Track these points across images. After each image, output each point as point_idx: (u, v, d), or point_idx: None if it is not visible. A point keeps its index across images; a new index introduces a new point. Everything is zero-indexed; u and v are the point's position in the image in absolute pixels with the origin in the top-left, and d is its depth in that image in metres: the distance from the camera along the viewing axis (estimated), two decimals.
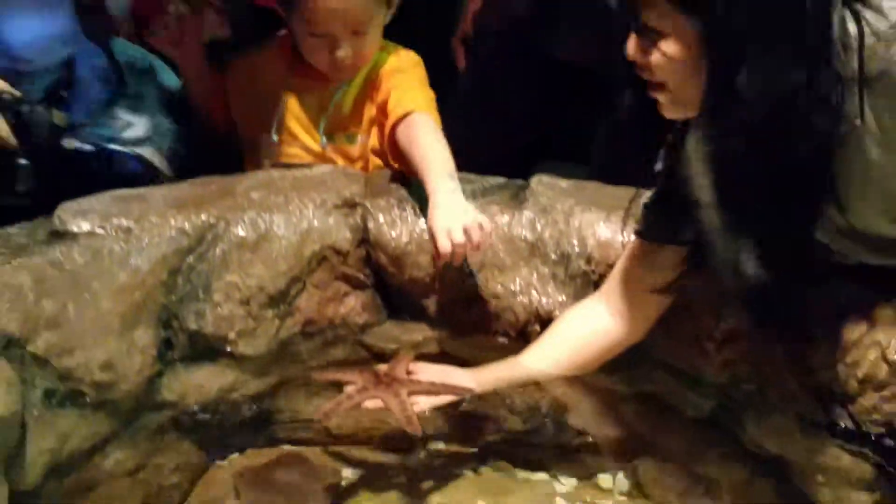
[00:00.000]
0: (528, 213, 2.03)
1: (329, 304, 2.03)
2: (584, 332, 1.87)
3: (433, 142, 2.12)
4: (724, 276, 1.65)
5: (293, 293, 1.98)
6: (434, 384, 1.79)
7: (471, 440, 1.94)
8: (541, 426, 1.95)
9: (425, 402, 1.77)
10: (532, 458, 1.91)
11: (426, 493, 1.81)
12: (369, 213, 2.04)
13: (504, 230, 2.02)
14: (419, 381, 1.79)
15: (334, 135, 2.42)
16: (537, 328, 1.97)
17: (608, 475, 1.88)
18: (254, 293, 1.93)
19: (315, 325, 2.02)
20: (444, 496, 1.81)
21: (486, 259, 2.00)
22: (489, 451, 1.92)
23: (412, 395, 1.76)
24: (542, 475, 1.88)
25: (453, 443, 1.93)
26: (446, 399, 1.80)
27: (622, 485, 1.87)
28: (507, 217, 2.02)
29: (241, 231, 1.95)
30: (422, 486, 1.82)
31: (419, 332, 2.06)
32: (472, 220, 1.85)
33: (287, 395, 1.98)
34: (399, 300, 2.07)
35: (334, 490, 1.78)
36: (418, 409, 1.74)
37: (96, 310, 1.74)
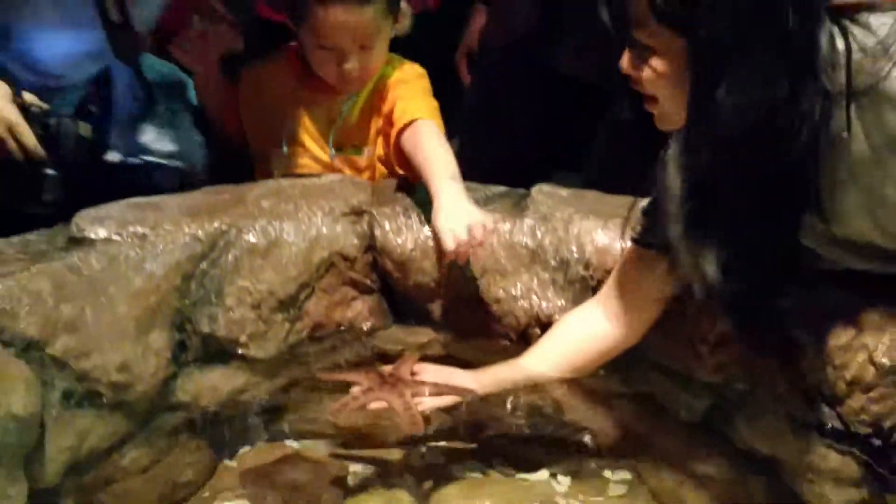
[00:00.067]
0: (528, 220, 2.03)
1: (337, 309, 2.03)
2: (582, 335, 1.87)
3: (437, 146, 2.13)
4: (691, 282, 1.67)
5: (302, 298, 1.98)
6: (437, 385, 1.79)
7: (473, 439, 1.96)
8: (541, 425, 1.96)
9: (429, 403, 1.77)
10: (533, 457, 1.93)
11: (429, 492, 1.82)
12: (376, 221, 2.04)
13: (506, 237, 2.01)
14: (423, 382, 1.79)
15: (343, 145, 2.43)
16: (537, 331, 1.96)
17: (607, 473, 1.90)
18: (264, 298, 1.93)
19: (323, 329, 2.01)
20: (447, 494, 1.83)
21: (489, 265, 2.00)
22: (492, 450, 1.93)
23: (416, 395, 1.76)
24: (542, 473, 1.90)
25: (456, 441, 1.94)
26: (449, 400, 1.80)
27: (621, 483, 1.89)
28: (509, 225, 2.01)
29: (252, 238, 1.94)
30: (425, 484, 1.83)
31: (424, 336, 2.05)
32: (475, 219, 1.87)
33: (296, 396, 1.98)
34: (404, 304, 2.07)
35: (340, 487, 1.79)
36: (422, 409, 1.74)
37: (113, 314, 1.74)
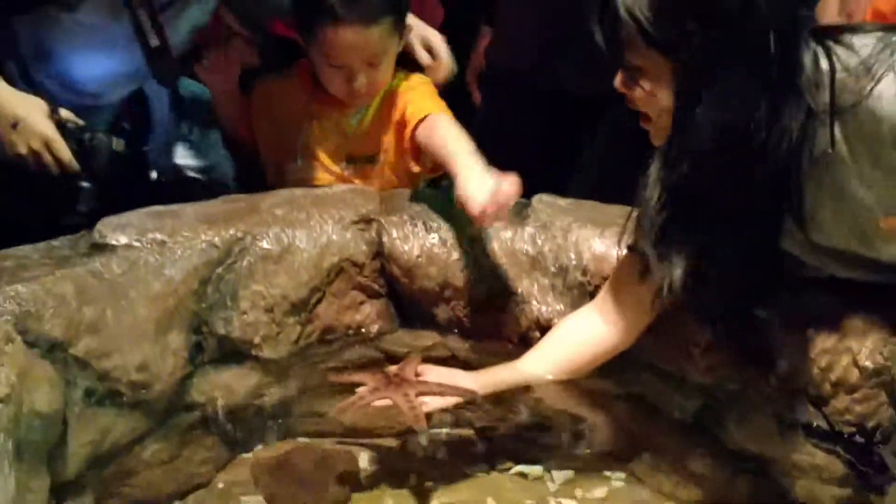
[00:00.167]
0: (529, 228, 2.04)
1: (346, 312, 2.04)
2: (578, 338, 1.87)
3: (453, 132, 2.14)
4: (664, 290, 1.70)
5: (313, 302, 1.99)
6: (440, 385, 1.79)
7: (475, 437, 1.94)
8: (538, 425, 1.96)
9: (432, 402, 1.77)
10: (531, 455, 1.91)
11: (431, 488, 1.82)
12: (384, 229, 2.05)
13: (507, 244, 2.02)
14: (426, 383, 1.79)
15: (355, 156, 2.43)
16: (537, 334, 1.97)
17: (602, 471, 1.88)
18: (277, 301, 1.94)
19: (333, 332, 2.03)
20: (449, 490, 1.82)
21: (491, 270, 2.01)
22: (492, 448, 1.92)
23: (420, 395, 1.76)
24: (539, 471, 1.88)
25: (459, 439, 1.93)
26: (452, 400, 1.80)
27: (615, 481, 1.89)
28: (510, 232, 2.02)
29: (266, 244, 1.96)
30: (427, 480, 1.83)
31: (429, 339, 2.06)
32: (499, 181, 1.82)
33: (306, 395, 1.98)
34: (411, 309, 2.08)
35: (347, 481, 1.79)
36: (425, 409, 1.74)
37: (133, 316, 1.76)
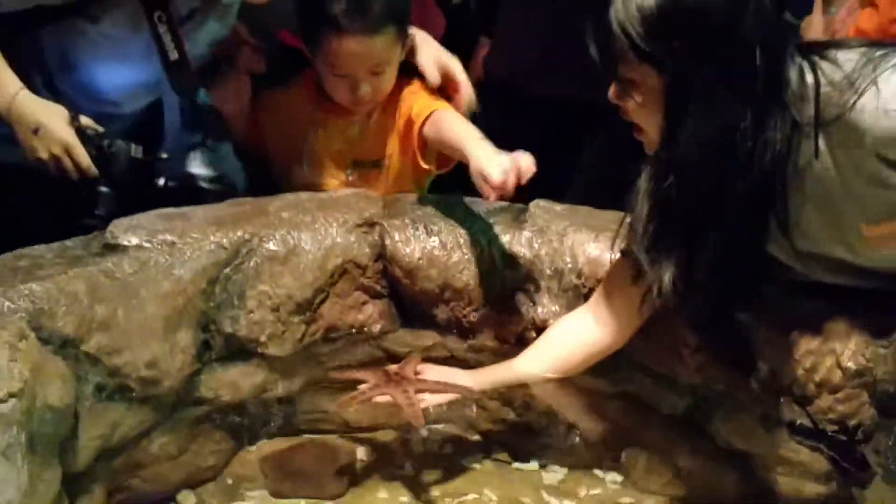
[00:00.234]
0: (526, 233, 2.04)
1: (349, 312, 2.04)
2: (573, 339, 1.88)
3: (461, 122, 2.15)
4: (654, 293, 1.72)
5: (318, 302, 2.00)
6: (438, 383, 1.82)
7: (472, 432, 1.98)
8: (534, 421, 1.98)
9: (430, 399, 1.80)
10: (527, 449, 1.94)
11: (429, 479, 1.84)
12: (386, 232, 2.05)
13: (505, 248, 2.02)
14: (425, 381, 1.82)
15: (360, 162, 2.44)
16: (534, 335, 1.97)
17: (595, 466, 1.91)
18: (283, 301, 1.94)
19: (337, 331, 2.03)
20: (446, 481, 1.85)
21: (489, 273, 2.02)
22: (489, 443, 1.95)
23: (419, 392, 1.78)
24: (534, 464, 1.91)
25: (456, 434, 1.96)
26: (449, 396, 1.83)
27: (607, 475, 1.91)
28: (508, 236, 2.03)
29: (272, 246, 1.96)
30: (425, 472, 1.86)
31: (429, 339, 2.06)
32: (513, 158, 1.82)
33: (310, 391, 2.00)
34: (412, 309, 2.07)
35: (348, 473, 1.82)
36: (424, 405, 1.76)
37: (143, 314, 1.77)
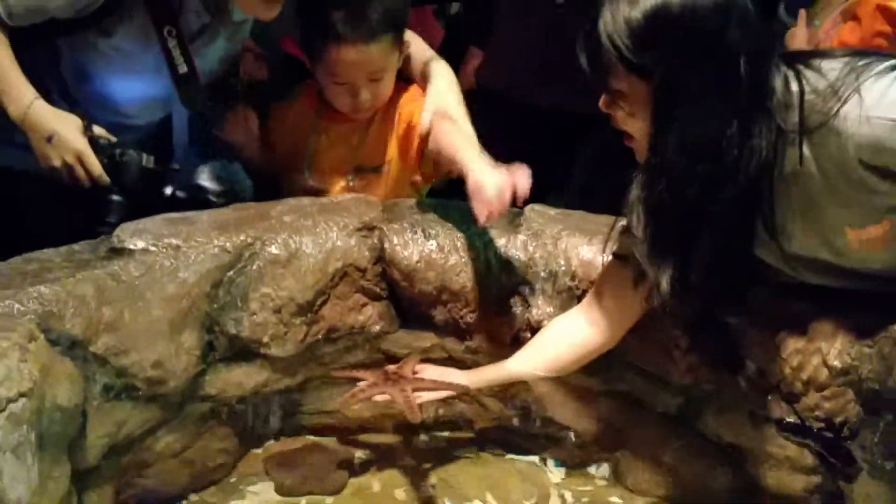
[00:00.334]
0: (521, 236, 2.04)
1: (350, 313, 2.03)
2: (565, 339, 1.88)
3: (460, 133, 2.12)
4: (654, 295, 1.72)
5: (319, 303, 1.99)
6: (435, 381, 1.83)
7: (468, 429, 1.99)
8: (529, 417, 1.99)
9: (427, 396, 1.81)
10: (522, 444, 1.97)
11: (427, 471, 1.87)
12: (385, 236, 2.04)
13: (501, 251, 2.02)
14: (422, 379, 1.83)
15: (361, 168, 2.44)
16: (528, 335, 1.97)
17: (589, 461, 1.95)
18: (285, 303, 1.94)
19: (337, 332, 2.02)
20: (444, 472, 1.88)
21: (485, 275, 2.01)
22: (485, 439, 1.97)
23: (416, 390, 1.79)
24: (531, 458, 1.94)
25: (453, 430, 1.98)
26: (445, 394, 1.84)
27: (601, 469, 1.93)
28: (504, 239, 2.03)
29: (274, 250, 1.95)
30: (423, 465, 1.88)
31: (427, 339, 2.06)
32: (511, 174, 1.81)
33: (311, 390, 2.01)
34: (410, 311, 2.07)
35: (346, 468, 1.83)
36: (420, 402, 1.77)
37: (149, 316, 1.77)
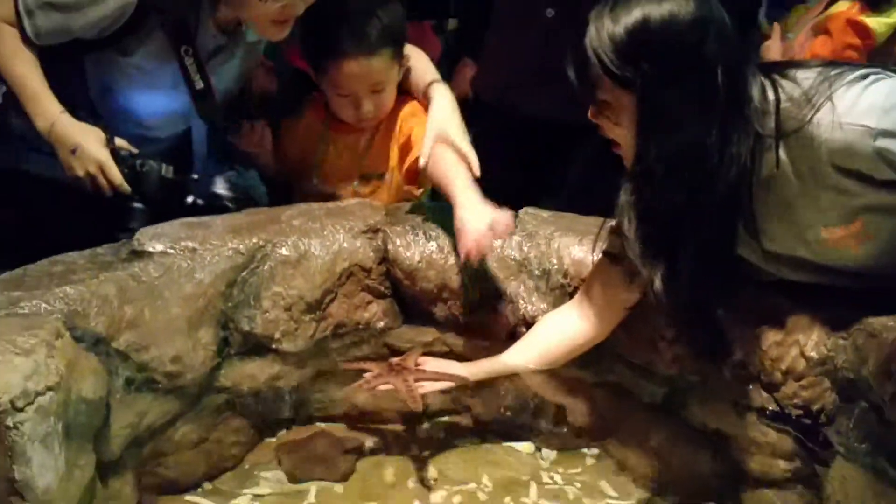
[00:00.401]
0: (516, 237, 2.08)
1: (356, 311, 2.07)
2: (558, 333, 1.93)
3: (453, 161, 2.13)
4: (647, 292, 1.77)
5: (327, 301, 2.03)
6: (436, 373, 1.89)
7: (468, 418, 2.04)
8: (525, 407, 2.04)
9: (428, 386, 1.87)
10: (519, 433, 2.02)
11: (428, 458, 1.92)
12: (389, 238, 2.08)
13: (497, 251, 2.06)
14: (424, 371, 1.89)
15: (367, 175, 2.50)
16: (524, 330, 2.01)
17: (582, 448, 1.99)
18: (295, 301, 1.98)
19: (344, 327, 2.07)
20: (444, 460, 1.93)
21: (482, 274, 2.05)
22: (484, 428, 2.02)
23: (418, 381, 1.85)
24: (528, 445, 1.99)
25: (454, 419, 2.03)
26: (445, 384, 1.90)
27: (592, 456, 1.99)
28: (500, 240, 2.05)
29: (285, 251, 2.00)
30: (425, 452, 1.93)
31: (429, 334, 2.10)
32: (497, 216, 1.87)
33: (320, 382, 2.05)
34: (412, 308, 2.11)
35: (354, 455, 1.88)
36: (421, 391, 1.83)
37: (168, 314, 1.82)
